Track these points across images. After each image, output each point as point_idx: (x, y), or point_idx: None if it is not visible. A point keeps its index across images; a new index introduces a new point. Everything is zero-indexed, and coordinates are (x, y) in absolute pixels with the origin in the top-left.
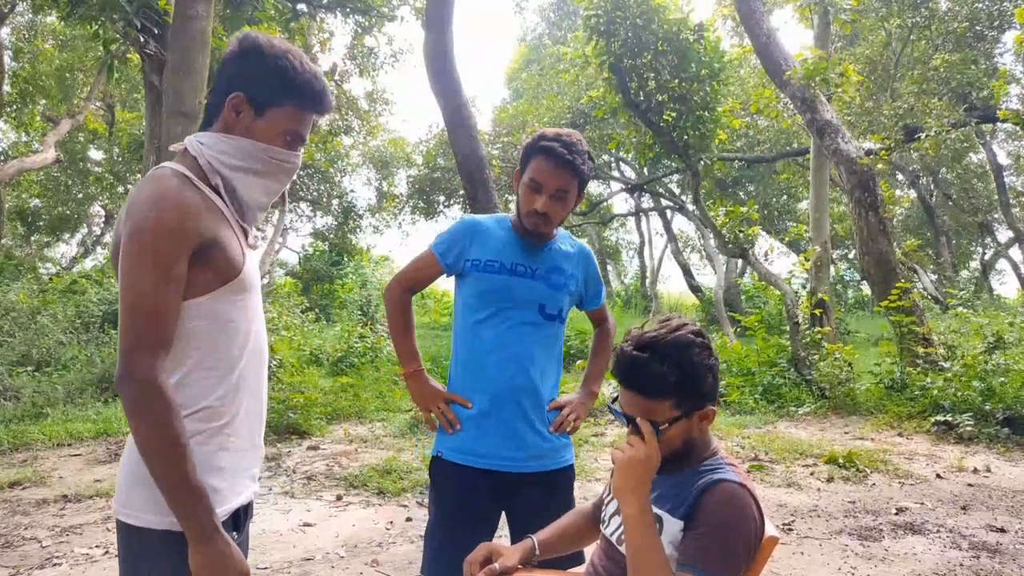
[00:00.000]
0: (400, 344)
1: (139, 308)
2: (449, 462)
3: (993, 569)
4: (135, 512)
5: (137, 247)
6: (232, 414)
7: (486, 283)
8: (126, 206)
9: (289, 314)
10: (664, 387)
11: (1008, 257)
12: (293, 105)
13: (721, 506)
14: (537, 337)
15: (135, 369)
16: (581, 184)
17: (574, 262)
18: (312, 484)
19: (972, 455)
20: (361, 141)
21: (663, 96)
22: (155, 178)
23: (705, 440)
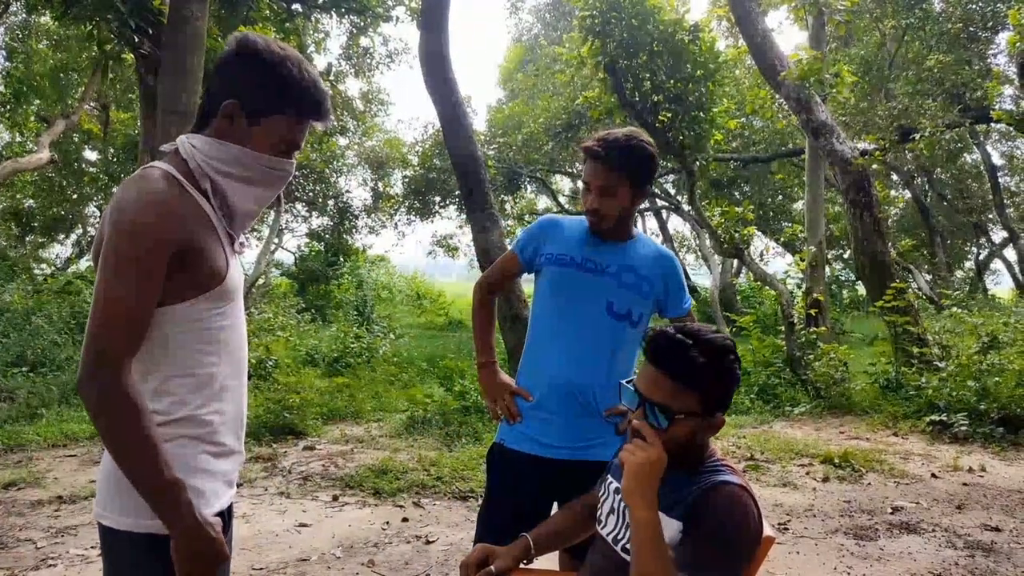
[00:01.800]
0: (477, 336)
1: (111, 309)
2: (507, 449)
3: (988, 568)
4: (114, 515)
5: (116, 247)
6: (213, 421)
7: (556, 276)
8: (110, 204)
9: (285, 315)
10: (697, 378)
11: (1002, 257)
12: (290, 114)
13: (722, 508)
14: (602, 336)
15: (99, 373)
16: (632, 177)
17: (652, 265)
18: (308, 484)
19: (967, 454)
20: (357, 141)
21: (659, 97)
22: (142, 178)
23: (706, 444)
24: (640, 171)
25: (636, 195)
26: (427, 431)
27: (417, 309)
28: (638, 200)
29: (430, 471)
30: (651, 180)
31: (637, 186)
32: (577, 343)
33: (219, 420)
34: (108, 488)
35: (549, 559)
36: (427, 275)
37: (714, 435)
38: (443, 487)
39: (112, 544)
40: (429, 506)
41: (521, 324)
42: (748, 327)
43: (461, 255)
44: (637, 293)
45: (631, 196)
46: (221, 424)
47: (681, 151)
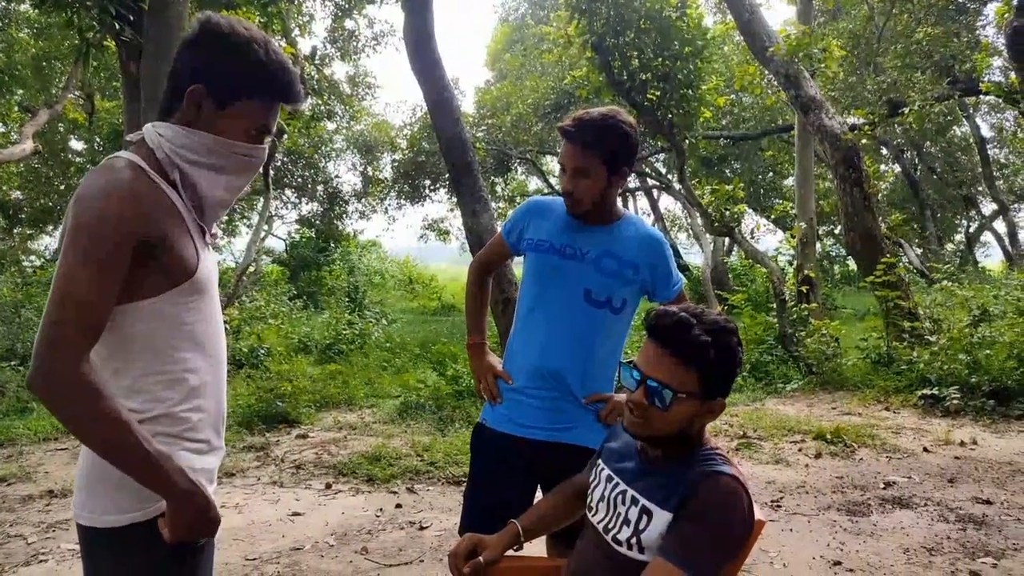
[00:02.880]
0: (469, 316)
1: (69, 302)
2: (488, 428)
3: (980, 541)
4: (92, 513)
5: (77, 237)
6: (190, 419)
7: (535, 262)
8: (75, 195)
9: (276, 302)
10: (699, 357)
11: (992, 229)
12: (259, 98)
13: (714, 498)
14: (580, 323)
15: (53, 369)
16: (607, 158)
17: (637, 249)
18: (301, 473)
19: (959, 428)
20: (345, 126)
21: (647, 75)
22: (108, 168)
23: (701, 432)
24: (615, 152)
25: (613, 177)
26: (420, 416)
27: (409, 294)
28: (617, 182)
29: (423, 457)
30: (629, 162)
31: (613, 168)
32: (553, 330)
33: (197, 417)
34: (84, 486)
35: (537, 546)
36: (419, 259)
37: (712, 421)
38: (437, 472)
39: (93, 543)
40: (423, 492)
41: (512, 307)
42: (740, 305)
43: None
44: (618, 279)
45: (607, 178)
46: (199, 421)
47: (670, 129)
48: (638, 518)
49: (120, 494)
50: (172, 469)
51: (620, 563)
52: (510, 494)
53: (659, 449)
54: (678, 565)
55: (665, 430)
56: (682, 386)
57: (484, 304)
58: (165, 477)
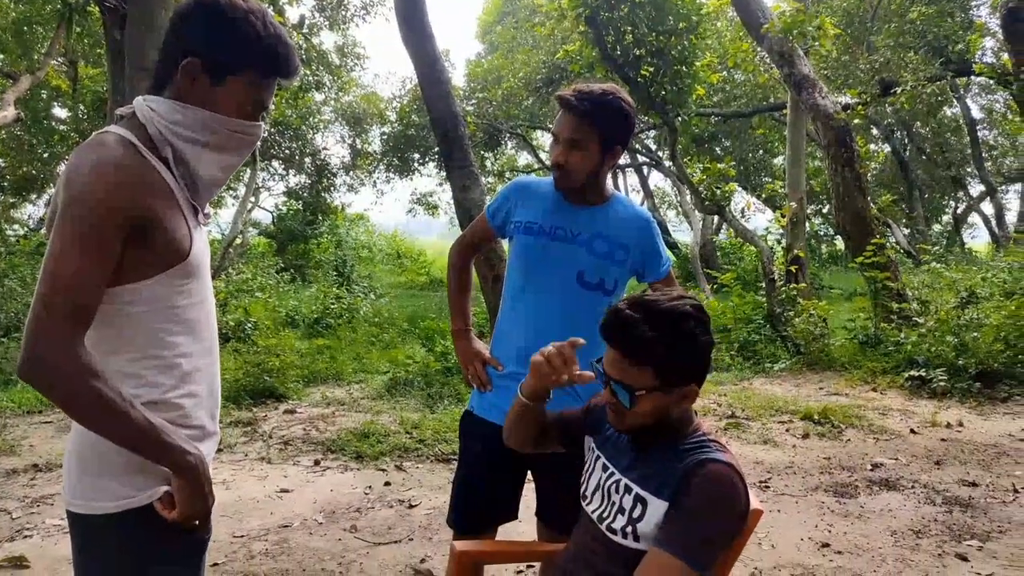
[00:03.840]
0: (452, 302)
1: (59, 285)
2: (477, 417)
3: (965, 524)
4: (87, 501)
5: (67, 218)
6: (184, 405)
7: (526, 245)
8: (64, 173)
9: (263, 275)
10: (648, 353)
11: (979, 211)
12: (255, 72)
13: (709, 488)
14: (573, 307)
15: (45, 353)
16: (603, 133)
17: (627, 230)
18: (289, 449)
19: (945, 410)
20: (333, 97)
21: (640, 50)
22: (98, 144)
23: (685, 418)
24: (613, 128)
25: (607, 154)
26: (409, 393)
27: (398, 268)
28: (609, 161)
29: (412, 434)
30: (624, 141)
31: (608, 144)
32: (546, 314)
33: (191, 403)
34: (75, 472)
35: (529, 531)
36: (407, 233)
37: (689, 406)
38: (425, 450)
39: (86, 531)
40: (412, 469)
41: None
42: (729, 284)
43: (441, 213)
44: (610, 261)
45: (601, 154)
46: (194, 407)
47: (663, 106)
48: (632, 507)
49: (113, 480)
50: (180, 441)
51: (615, 552)
52: (501, 489)
53: (647, 438)
54: (675, 555)
55: (640, 423)
56: (639, 383)
57: (467, 287)
58: (175, 451)
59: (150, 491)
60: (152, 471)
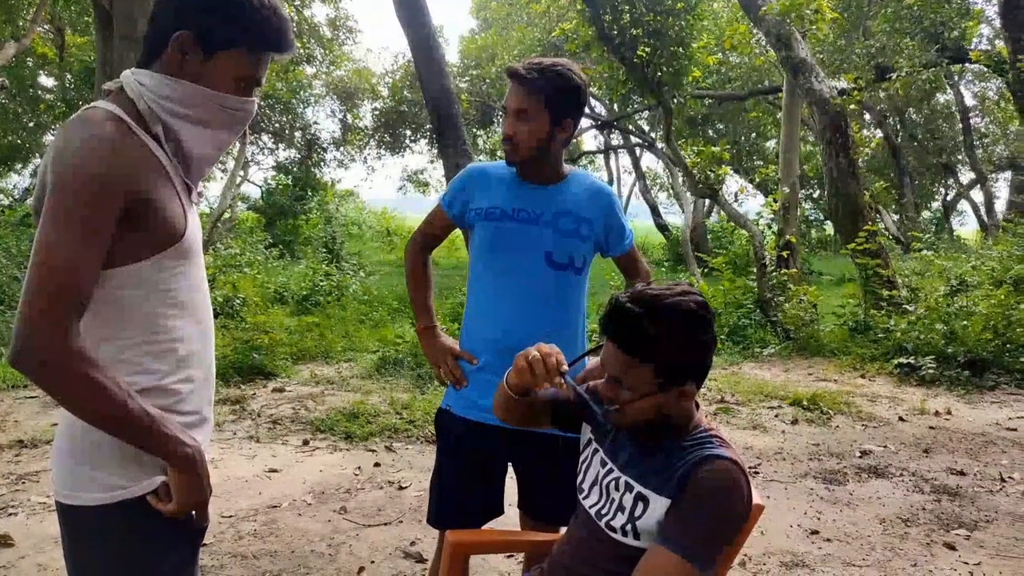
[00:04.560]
0: (414, 301)
1: (52, 271)
2: (455, 415)
3: (953, 513)
4: (79, 492)
5: (59, 200)
6: (180, 391)
7: (488, 231)
8: (52, 151)
9: (252, 250)
10: (649, 350)
11: (969, 198)
12: (249, 47)
13: (712, 484)
14: (545, 289)
15: (38, 344)
16: (550, 104)
17: (588, 204)
18: (278, 428)
19: (933, 397)
20: (324, 71)
21: (637, 30)
22: (87, 121)
23: (686, 414)
24: (562, 99)
25: (556, 128)
26: (399, 373)
27: (387, 246)
28: (560, 135)
29: (402, 415)
30: (574, 114)
31: (556, 116)
32: (518, 300)
33: (187, 389)
34: (65, 463)
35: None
36: (397, 211)
37: (689, 404)
38: (415, 431)
39: (78, 523)
40: (401, 451)
41: None
42: (720, 268)
43: (432, 191)
44: (577, 238)
45: (549, 126)
46: (190, 393)
47: (659, 87)
48: (633, 505)
49: (107, 470)
50: (178, 432)
51: (614, 549)
52: (481, 488)
53: (647, 436)
54: (678, 553)
55: (642, 419)
56: (638, 381)
57: (429, 284)
58: (173, 441)
59: (146, 481)
60: (147, 461)
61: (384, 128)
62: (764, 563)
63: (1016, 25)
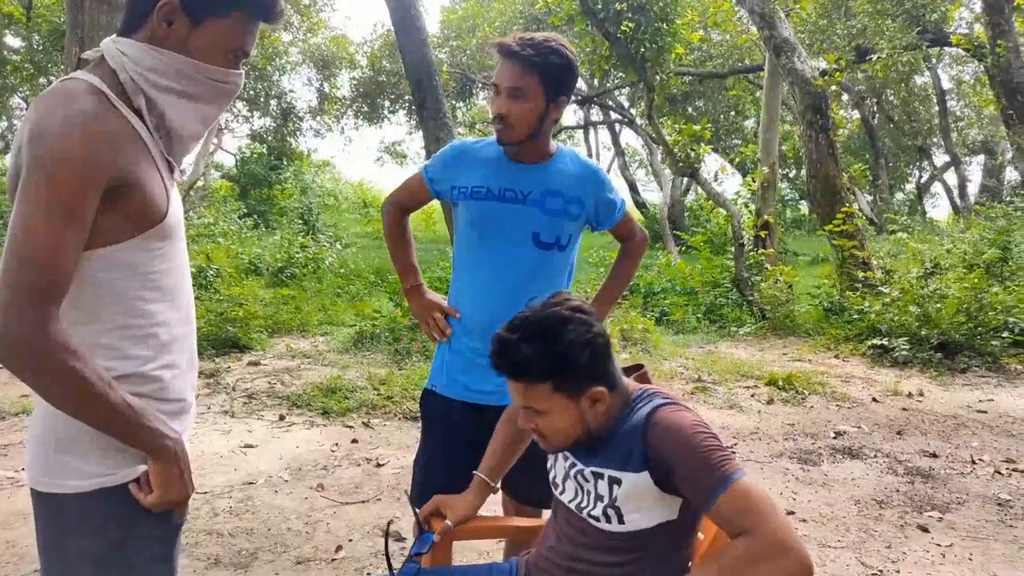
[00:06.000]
0: (398, 262)
1: (29, 254)
2: (438, 395)
3: (926, 494)
4: (56, 479)
5: (37, 180)
6: (163, 377)
7: (475, 211)
8: (29, 126)
9: (226, 220)
10: (535, 369)
11: (943, 181)
12: (239, 15)
13: (668, 433)
14: (531, 268)
15: (18, 333)
16: (546, 82)
17: (576, 183)
18: (253, 403)
19: (906, 379)
20: (301, 38)
21: (622, 5)
22: (66, 94)
23: (608, 415)
24: (558, 76)
25: (550, 105)
26: (376, 347)
27: (364, 218)
28: (553, 114)
29: (380, 390)
30: (567, 91)
31: (551, 94)
32: (505, 280)
33: (170, 375)
34: (41, 449)
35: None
36: (374, 183)
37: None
38: (393, 407)
39: (53, 511)
40: (379, 427)
41: None
42: (698, 246)
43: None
44: (564, 217)
45: (544, 104)
46: (173, 379)
47: (642, 64)
48: (609, 489)
49: (86, 458)
50: (159, 424)
51: (602, 538)
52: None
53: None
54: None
55: (565, 439)
56: (545, 403)
57: (410, 243)
58: (154, 434)
59: (127, 470)
60: (128, 449)
61: (362, 98)
62: None
63: (996, 10)
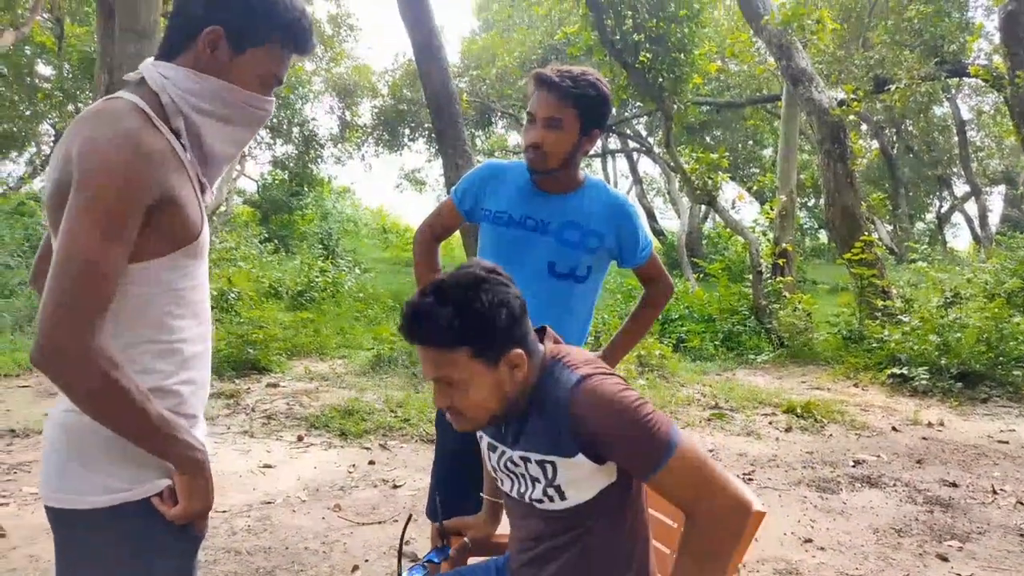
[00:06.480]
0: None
1: (80, 269)
2: None
3: (946, 524)
4: (75, 495)
5: (88, 198)
6: (182, 392)
7: (495, 235)
8: (76, 143)
9: (247, 244)
10: (451, 333)
11: (963, 211)
12: (277, 44)
13: (595, 412)
14: (546, 296)
15: (67, 346)
16: (582, 114)
17: (599, 217)
18: (272, 424)
19: (926, 408)
20: (324, 67)
21: (640, 36)
22: (112, 114)
23: (527, 380)
24: (593, 109)
25: (584, 137)
26: (393, 370)
27: (383, 243)
28: (585, 145)
29: (397, 413)
30: (603, 125)
31: (586, 127)
32: None
33: (188, 391)
34: (61, 466)
35: None
36: (393, 209)
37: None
38: (410, 430)
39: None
40: (396, 449)
41: None
42: (716, 274)
43: (428, 189)
44: (580, 249)
45: (579, 136)
46: (191, 394)
47: (659, 93)
48: (542, 471)
49: (105, 472)
50: (189, 436)
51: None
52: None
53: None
54: (662, 466)
55: (485, 412)
56: (463, 372)
57: (437, 272)
58: (186, 446)
59: (148, 484)
60: (147, 463)
61: (382, 126)
62: (758, 570)
63: (1015, 40)
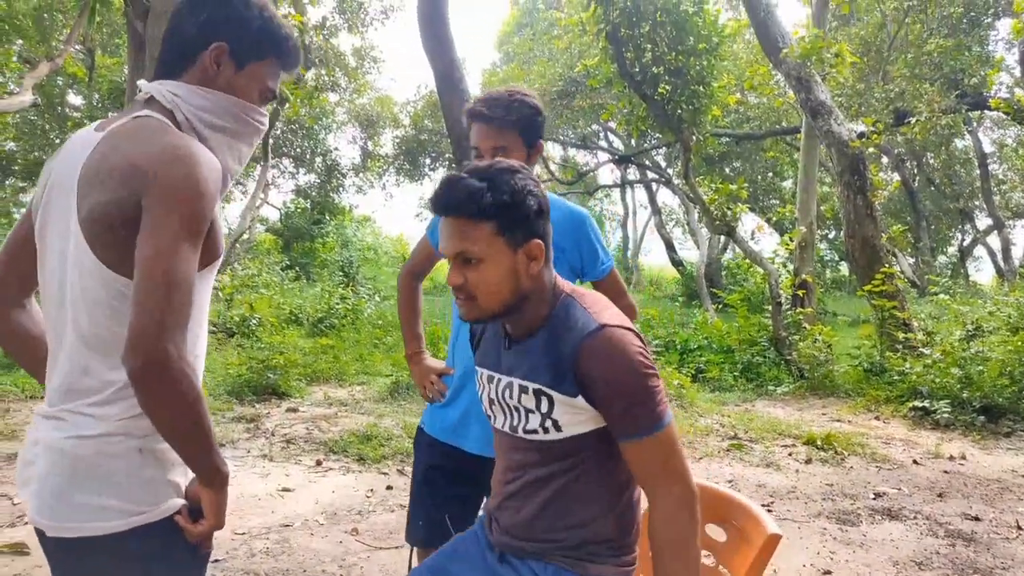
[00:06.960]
0: (405, 327)
1: (175, 282)
2: (426, 433)
3: (968, 558)
4: (85, 523)
5: (171, 213)
6: None
7: None
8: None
9: (269, 271)
10: (482, 204)
11: (986, 244)
12: (275, 60)
13: (608, 362)
14: None
15: (166, 359)
16: (524, 134)
17: (560, 230)
18: (291, 448)
19: (948, 442)
20: (347, 99)
21: (659, 68)
22: (160, 130)
23: (540, 284)
24: (529, 125)
25: (531, 151)
26: (411, 397)
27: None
28: (534, 157)
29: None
30: (540, 134)
31: (529, 142)
32: None
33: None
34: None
35: None
36: (413, 237)
37: (537, 266)
38: None
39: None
40: None
41: None
42: (735, 305)
43: None
44: None
45: (526, 153)
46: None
47: (679, 125)
48: (538, 402)
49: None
50: (219, 457)
51: (543, 451)
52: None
53: (514, 324)
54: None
55: (496, 298)
56: (484, 246)
57: (418, 312)
58: (220, 460)
59: (165, 504)
60: (158, 484)
61: (404, 156)
62: None
63: None
